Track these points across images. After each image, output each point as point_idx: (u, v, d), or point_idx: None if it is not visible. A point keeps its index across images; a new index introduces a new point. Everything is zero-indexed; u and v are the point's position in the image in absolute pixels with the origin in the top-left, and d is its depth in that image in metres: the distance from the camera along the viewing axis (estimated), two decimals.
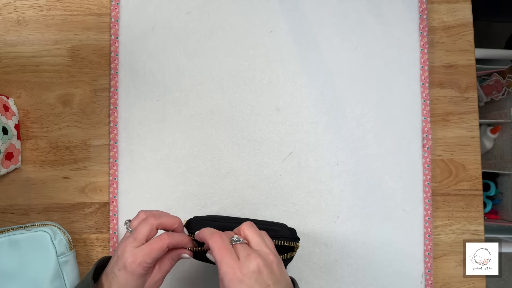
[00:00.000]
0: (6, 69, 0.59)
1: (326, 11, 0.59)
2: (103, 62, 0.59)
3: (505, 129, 0.96)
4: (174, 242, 0.42)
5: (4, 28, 0.59)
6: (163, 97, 0.58)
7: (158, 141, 0.57)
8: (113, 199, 0.57)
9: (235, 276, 0.35)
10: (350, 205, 0.57)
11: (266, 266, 0.36)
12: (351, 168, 0.57)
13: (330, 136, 0.57)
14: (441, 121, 0.58)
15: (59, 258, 0.52)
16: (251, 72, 0.58)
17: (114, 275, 0.40)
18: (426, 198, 0.57)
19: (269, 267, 0.36)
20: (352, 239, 0.57)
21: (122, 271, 0.40)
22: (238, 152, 0.57)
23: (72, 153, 0.58)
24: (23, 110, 0.58)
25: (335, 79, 0.58)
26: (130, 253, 0.40)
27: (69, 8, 0.59)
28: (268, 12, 0.59)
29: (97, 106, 0.58)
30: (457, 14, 0.59)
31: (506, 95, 0.94)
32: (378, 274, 0.56)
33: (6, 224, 0.57)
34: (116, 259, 0.41)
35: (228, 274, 0.35)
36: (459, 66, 0.59)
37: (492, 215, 0.99)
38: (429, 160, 0.57)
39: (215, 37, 0.58)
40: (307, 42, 0.58)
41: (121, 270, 0.40)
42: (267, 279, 0.36)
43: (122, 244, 0.41)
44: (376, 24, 0.58)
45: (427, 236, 0.56)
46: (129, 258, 0.40)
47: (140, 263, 0.39)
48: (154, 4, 0.59)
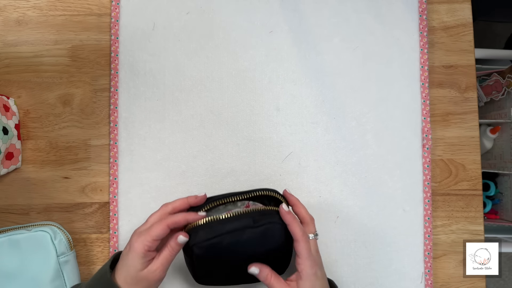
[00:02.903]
0: (6, 69, 0.59)
1: (326, 12, 0.59)
2: (103, 62, 0.59)
3: (505, 129, 0.96)
4: (174, 220, 0.45)
5: (5, 28, 0.59)
6: (163, 97, 0.58)
7: (158, 141, 0.57)
8: (113, 199, 0.57)
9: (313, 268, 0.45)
10: (350, 205, 0.57)
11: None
12: (351, 168, 0.57)
13: (330, 136, 0.57)
14: (441, 121, 0.58)
15: (59, 258, 0.52)
16: (251, 72, 0.58)
17: (122, 258, 0.45)
18: (426, 198, 0.57)
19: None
20: (352, 239, 0.57)
21: (128, 252, 0.44)
22: (238, 152, 0.57)
23: (72, 153, 0.58)
24: (23, 110, 0.58)
25: (335, 79, 0.58)
26: (136, 234, 0.45)
27: (69, 8, 0.59)
28: (268, 12, 0.59)
29: (97, 106, 0.58)
30: (457, 14, 0.59)
31: (506, 95, 0.94)
32: (378, 274, 0.56)
33: (6, 224, 0.57)
34: (128, 242, 0.46)
35: (307, 270, 0.45)
36: (459, 66, 0.59)
37: (492, 215, 0.99)
38: (429, 160, 0.57)
39: (215, 37, 0.58)
40: (307, 42, 0.58)
41: (127, 250, 0.45)
42: (322, 267, 0.48)
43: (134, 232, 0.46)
44: (376, 24, 0.58)
45: (427, 236, 0.56)
46: (133, 238, 0.45)
47: (142, 241, 0.44)
48: (154, 4, 0.59)
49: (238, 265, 0.46)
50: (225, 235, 0.45)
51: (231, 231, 0.45)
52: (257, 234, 0.45)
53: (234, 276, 0.49)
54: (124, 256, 0.45)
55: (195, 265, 0.47)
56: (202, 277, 0.49)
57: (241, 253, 0.46)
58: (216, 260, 0.46)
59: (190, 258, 0.46)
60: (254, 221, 0.45)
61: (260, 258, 0.46)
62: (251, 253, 0.46)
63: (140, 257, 0.44)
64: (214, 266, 0.47)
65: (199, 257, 0.45)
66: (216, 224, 0.45)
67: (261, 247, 0.46)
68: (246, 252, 0.46)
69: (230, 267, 0.47)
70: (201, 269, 0.48)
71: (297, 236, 0.45)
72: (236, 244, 0.45)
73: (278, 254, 0.47)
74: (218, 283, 0.51)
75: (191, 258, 0.46)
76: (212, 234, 0.45)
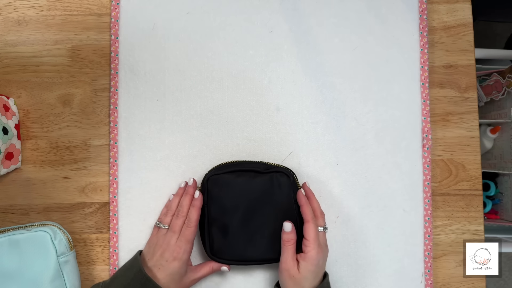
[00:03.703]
0: (6, 69, 0.59)
1: (326, 11, 0.59)
2: (103, 62, 0.59)
3: (505, 129, 0.96)
4: (197, 220, 0.51)
5: (4, 28, 0.59)
6: (163, 97, 0.58)
7: (158, 141, 0.57)
8: (113, 199, 0.57)
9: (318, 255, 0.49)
10: (350, 205, 0.57)
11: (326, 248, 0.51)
12: (351, 168, 0.57)
13: (330, 136, 0.57)
14: (441, 121, 0.58)
15: (59, 258, 0.52)
16: (251, 72, 0.58)
17: (161, 266, 0.49)
18: (426, 198, 0.57)
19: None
20: (352, 239, 0.57)
21: (170, 262, 0.49)
22: (238, 152, 0.57)
23: (72, 153, 0.58)
24: (23, 110, 0.58)
25: (335, 79, 0.58)
26: (175, 245, 0.50)
27: (69, 8, 0.59)
28: (268, 12, 0.59)
29: (97, 106, 0.58)
30: (457, 14, 0.59)
31: (506, 95, 0.94)
32: (378, 274, 0.56)
33: (6, 224, 0.57)
34: (161, 254, 0.50)
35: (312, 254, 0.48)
36: (459, 66, 0.59)
37: (492, 215, 0.99)
38: (429, 160, 0.57)
39: (215, 37, 0.58)
40: (307, 42, 0.58)
41: (169, 261, 0.49)
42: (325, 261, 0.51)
43: (164, 240, 0.51)
44: (376, 24, 0.58)
45: (427, 236, 0.56)
46: (175, 250, 0.50)
47: (185, 250, 0.50)
48: (154, 4, 0.59)
49: (249, 213, 0.52)
50: (238, 172, 0.53)
51: (244, 170, 0.53)
52: (266, 180, 0.52)
53: (245, 237, 0.53)
54: (162, 264, 0.49)
55: (210, 210, 0.52)
56: (215, 240, 0.53)
57: (252, 197, 0.52)
58: (228, 197, 0.52)
59: (205, 197, 0.53)
60: (265, 168, 0.53)
61: (269, 208, 0.52)
62: (260, 198, 0.52)
63: (186, 263, 0.51)
64: (226, 212, 0.52)
65: (212, 193, 0.52)
66: (231, 164, 0.54)
67: (270, 195, 0.52)
68: (256, 196, 0.52)
69: (241, 216, 0.52)
70: (214, 218, 0.52)
71: (307, 217, 0.50)
72: (248, 184, 0.52)
73: (286, 211, 0.52)
74: (231, 250, 0.53)
75: (206, 198, 0.53)
76: (226, 169, 0.53)
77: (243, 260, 0.53)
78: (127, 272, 0.50)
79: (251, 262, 0.53)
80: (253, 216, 0.52)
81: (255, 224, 0.52)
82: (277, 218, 0.52)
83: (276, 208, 0.52)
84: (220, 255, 0.53)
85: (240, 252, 0.53)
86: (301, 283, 0.48)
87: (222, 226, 0.52)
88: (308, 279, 0.48)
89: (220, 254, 0.53)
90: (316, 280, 0.49)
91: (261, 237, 0.52)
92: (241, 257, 0.53)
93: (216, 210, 0.53)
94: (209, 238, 0.53)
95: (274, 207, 0.52)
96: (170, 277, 0.49)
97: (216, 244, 0.53)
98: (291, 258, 0.49)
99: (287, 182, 0.52)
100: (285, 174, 0.53)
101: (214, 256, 0.53)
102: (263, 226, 0.52)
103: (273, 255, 0.52)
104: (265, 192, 0.52)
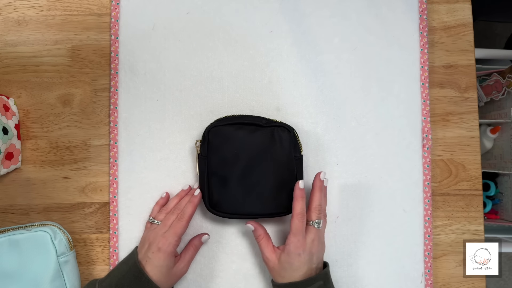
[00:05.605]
0: (6, 69, 0.59)
1: (326, 11, 0.59)
2: (103, 62, 0.59)
3: (505, 129, 0.96)
4: (190, 213, 0.51)
5: (4, 28, 0.59)
6: (163, 97, 0.58)
7: (158, 141, 0.57)
8: (113, 199, 0.57)
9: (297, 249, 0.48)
10: (350, 205, 0.57)
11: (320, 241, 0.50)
12: (351, 168, 0.57)
13: (330, 136, 0.57)
14: (441, 121, 0.58)
15: (59, 258, 0.52)
16: (251, 72, 0.58)
17: (148, 259, 0.49)
18: (426, 198, 0.57)
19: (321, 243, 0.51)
20: (352, 239, 0.57)
21: (155, 253, 0.49)
22: None
23: (72, 153, 0.58)
24: (23, 110, 0.58)
25: (335, 79, 0.58)
26: (161, 237, 0.49)
27: (69, 8, 0.59)
28: (268, 12, 0.59)
29: (97, 106, 0.58)
30: (457, 14, 0.59)
31: (506, 95, 0.94)
32: (378, 274, 0.56)
33: (6, 224, 0.57)
34: (148, 246, 0.50)
35: (290, 247, 0.48)
36: (459, 66, 0.59)
37: (492, 215, 0.99)
38: (429, 160, 0.57)
39: (215, 37, 0.58)
40: (307, 42, 0.58)
41: (155, 252, 0.49)
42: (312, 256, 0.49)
43: (153, 232, 0.51)
44: (376, 24, 0.58)
45: (427, 236, 0.56)
46: (161, 241, 0.49)
47: (171, 242, 0.49)
48: (154, 4, 0.59)
49: (249, 167, 0.52)
50: (239, 125, 0.53)
51: (245, 123, 0.53)
52: (267, 134, 0.53)
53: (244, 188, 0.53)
54: (149, 256, 0.49)
55: (210, 161, 0.53)
56: (214, 192, 0.53)
57: (253, 150, 0.52)
58: (228, 149, 0.52)
59: (205, 149, 0.53)
60: (266, 123, 0.53)
61: (269, 162, 0.52)
62: (261, 152, 0.52)
63: (171, 256, 0.49)
64: (226, 164, 0.52)
65: (213, 144, 0.52)
66: (233, 117, 0.54)
67: (271, 149, 0.52)
68: (256, 150, 0.52)
69: (241, 168, 0.52)
70: (214, 169, 0.53)
71: (293, 211, 0.49)
72: (249, 137, 0.52)
73: (286, 166, 0.52)
74: (229, 202, 0.53)
75: (206, 149, 0.53)
76: (228, 121, 0.53)
77: (241, 213, 0.53)
78: (123, 265, 0.51)
79: (249, 215, 0.53)
80: (252, 170, 0.52)
81: (254, 178, 0.53)
82: (277, 173, 0.52)
83: (276, 162, 0.53)
84: (218, 208, 0.53)
85: (239, 205, 0.53)
86: (281, 273, 0.49)
87: (221, 178, 0.53)
88: (287, 270, 0.48)
89: (219, 207, 0.53)
90: (300, 272, 0.48)
91: (259, 191, 0.53)
92: (239, 210, 0.53)
93: (216, 161, 0.53)
94: (208, 190, 0.53)
95: (274, 162, 0.53)
96: (157, 269, 0.49)
97: (215, 196, 0.53)
98: (271, 249, 0.51)
99: (288, 137, 0.53)
100: (286, 129, 0.53)
101: (213, 208, 0.53)
102: (262, 180, 0.53)
103: (271, 209, 0.53)
104: (266, 146, 0.53)
